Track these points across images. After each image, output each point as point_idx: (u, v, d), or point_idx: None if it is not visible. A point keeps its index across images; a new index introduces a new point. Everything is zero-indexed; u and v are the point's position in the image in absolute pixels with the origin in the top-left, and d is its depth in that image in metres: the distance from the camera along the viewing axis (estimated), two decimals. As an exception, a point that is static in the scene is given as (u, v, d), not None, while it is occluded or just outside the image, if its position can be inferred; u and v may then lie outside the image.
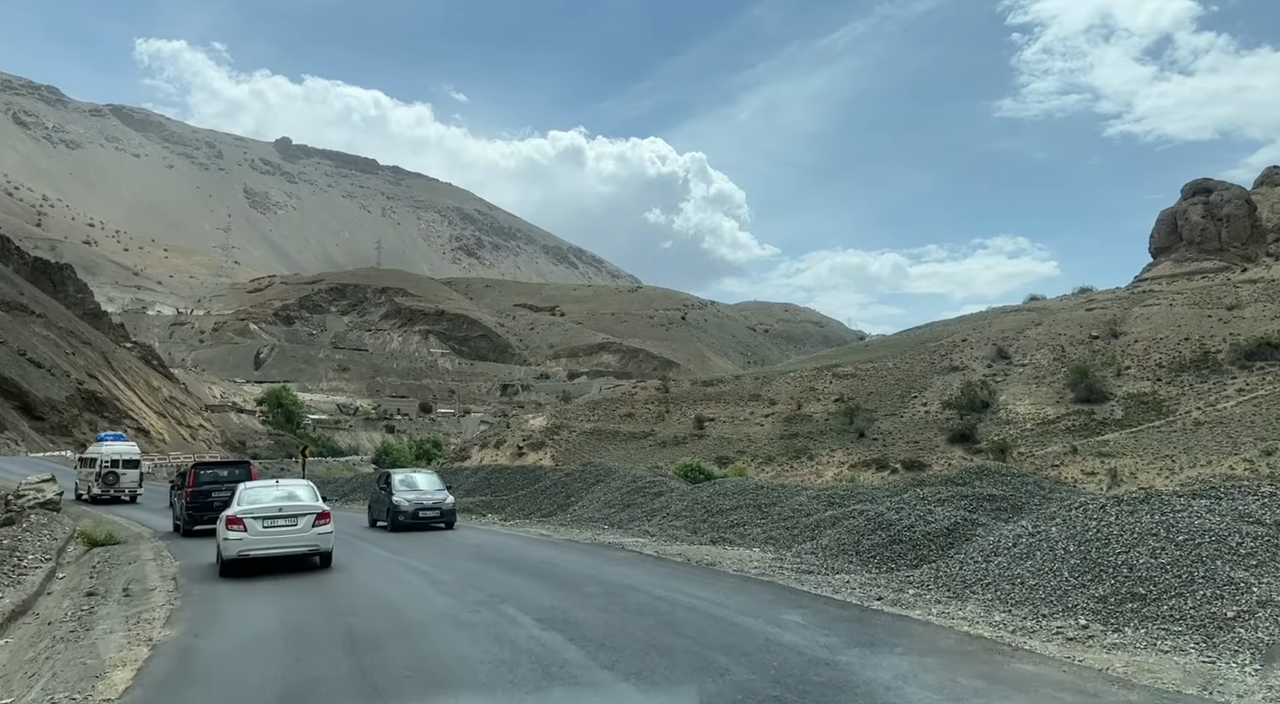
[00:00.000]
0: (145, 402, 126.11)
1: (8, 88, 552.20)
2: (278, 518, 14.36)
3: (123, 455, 35.95)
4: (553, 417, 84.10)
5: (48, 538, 14.84)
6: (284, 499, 14.94)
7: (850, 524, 13.41)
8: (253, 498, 14.86)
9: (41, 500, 21.05)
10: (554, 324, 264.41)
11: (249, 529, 13.98)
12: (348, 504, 32.39)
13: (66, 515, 21.66)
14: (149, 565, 12.88)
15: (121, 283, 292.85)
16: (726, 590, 11.13)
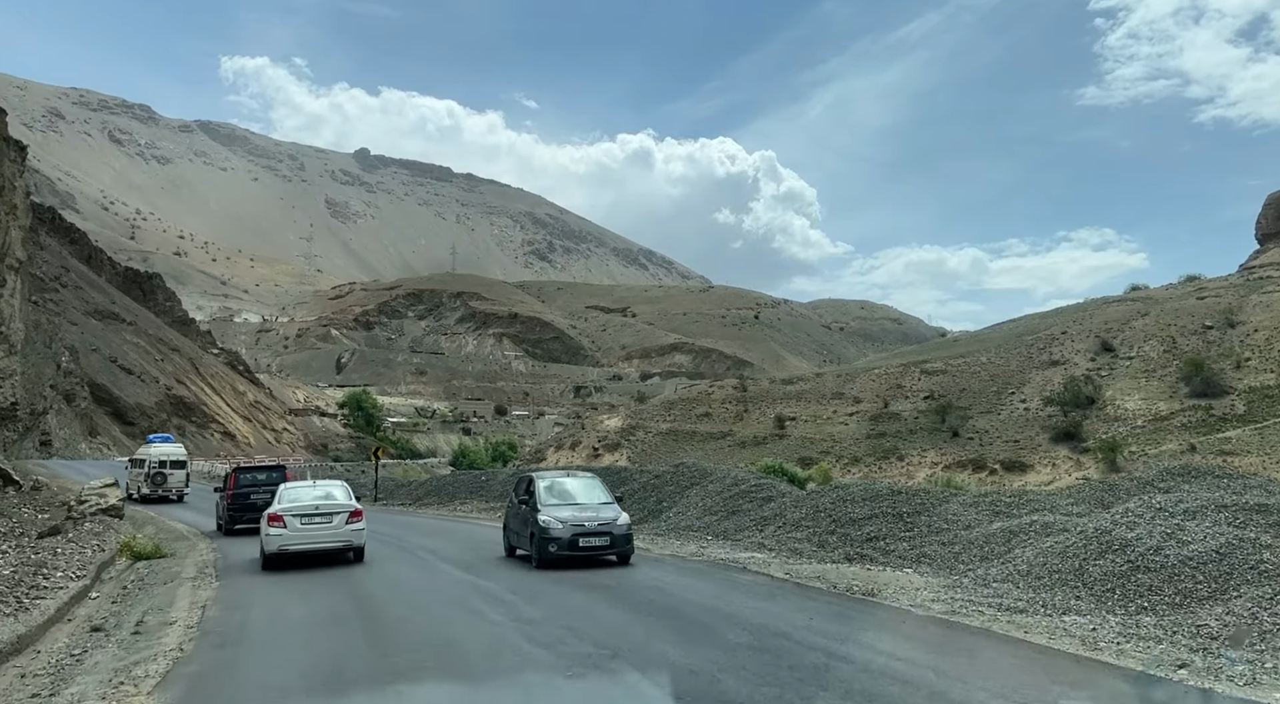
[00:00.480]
0: (231, 406, 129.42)
1: (104, 107, 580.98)
2: (314, 515, 15.40)
3: (170, 457, 37.02)
4: (628, 417, 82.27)
5: (93, 550, 13.56)
6: (321, 498, 15.98)
7: (1053, 544, 10.28)
8: (292, 497, 15.90)
9: (104, 506, 20.10)
10: (626, 325, 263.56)
11: (288, 526, 14.98)
12: (420, 508, 31.25)
13: (128, 521, 20.70)
14: (182, 589, 11.35)
15: (210, 292, 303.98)
16: (932, 646, 8.13)
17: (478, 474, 33.75)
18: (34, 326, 75.83)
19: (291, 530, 14.98)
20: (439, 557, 16.68)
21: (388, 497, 35.74)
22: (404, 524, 23.76)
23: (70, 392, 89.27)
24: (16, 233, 67.57)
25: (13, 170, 67.25)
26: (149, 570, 12.98)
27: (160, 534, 19.96)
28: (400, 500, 33.06)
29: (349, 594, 12.11)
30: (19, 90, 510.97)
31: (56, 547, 12.90)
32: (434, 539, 20.20)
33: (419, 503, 31.82)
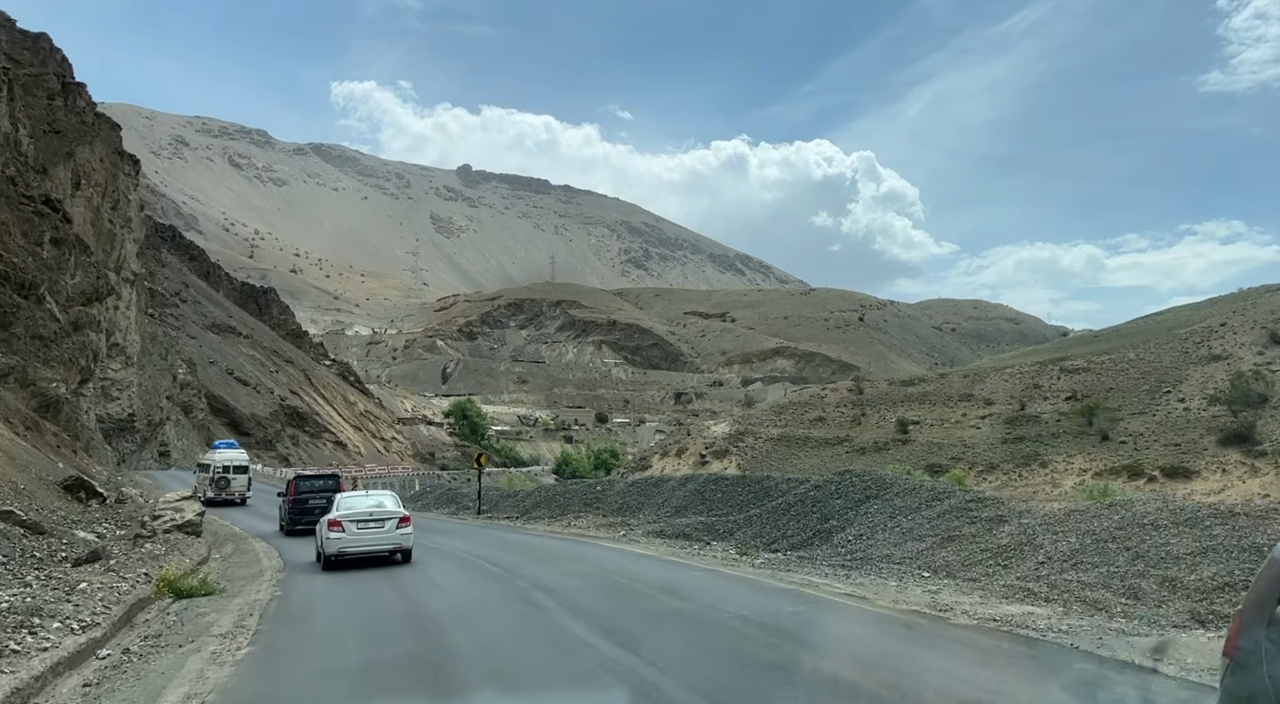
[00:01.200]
0: (342, 416, 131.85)
1: (224, 133, 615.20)
2: (369, 521, 16.99)
3: (233, 462, 38.72)
4: (736, 422, 78.30)
5: (133, 582, 10.99)
6: (374, 506, 17.56)
7: None
8: (349, 505, 17.47)
9: (179, 522, 17.89)
10: (725, 330, 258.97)
11: (346, 530, 16.59)
12: (529, 522, 27.59)
13: (208, 538, 18.51)
14: (201, 653, 8.15)
15: (323, 306, 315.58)
16: None
17: (590, 484, 29.91)
18: (150, 339, 77.73)
19: (349, 535, 16.64)
20: (568, 607, 11.45)
21: (492, 509, 32.95)
22: (514, 546, 20.53)
23: (188, 403, 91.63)
24: (131, 246, 69.32)
25: (127, 184, 69.07)
26: (180, 617, 10.07)
27: (234, 557, 17.54)
28: (506, 513, 30.32)
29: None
30: (147, 120, 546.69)
31: (84, 579, 10.36)
32: (553, 571, 15.33)
33: (527, 516, 28.56)
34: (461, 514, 33.08)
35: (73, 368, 33.79)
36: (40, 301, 33.14)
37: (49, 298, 34.19)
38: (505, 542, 21.34)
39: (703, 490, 22.07)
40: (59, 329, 33.92)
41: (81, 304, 42.56)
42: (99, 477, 28.38)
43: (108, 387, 63.40)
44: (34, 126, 54.47)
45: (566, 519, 25.51)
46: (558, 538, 22.23)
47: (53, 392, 30.67)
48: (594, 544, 20.16)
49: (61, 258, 40.55)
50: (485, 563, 16.84)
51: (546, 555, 18.03)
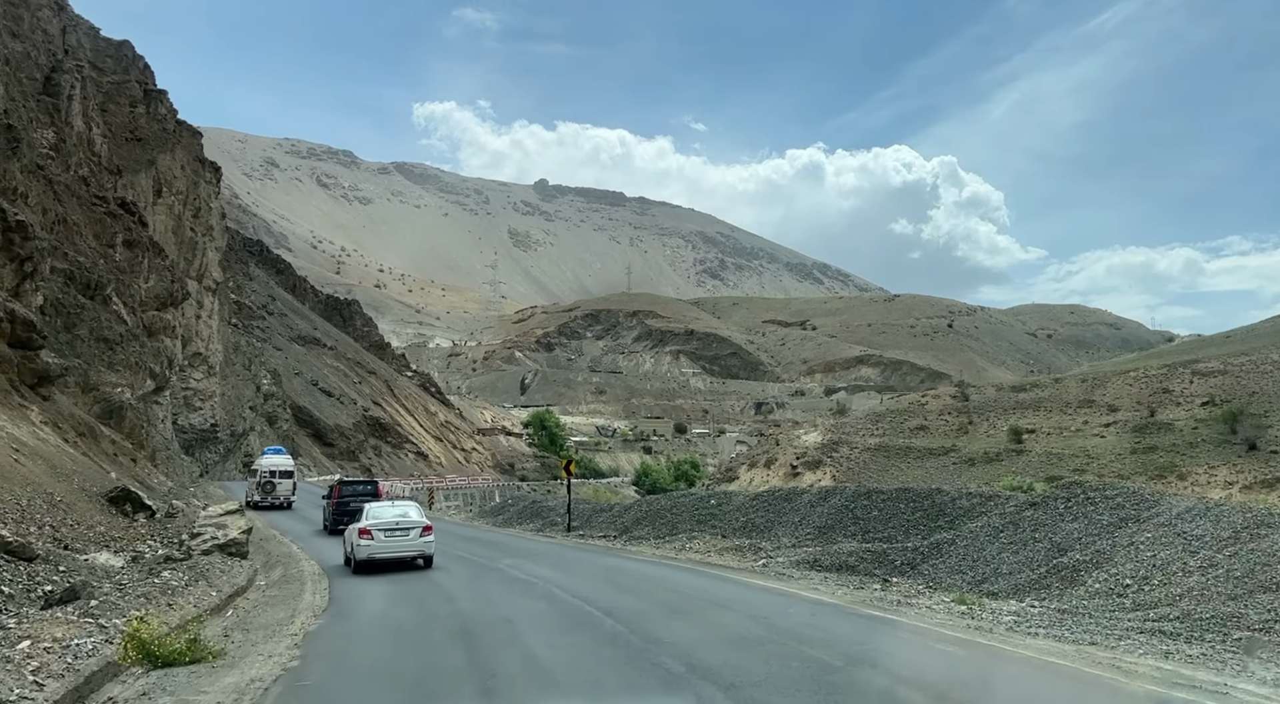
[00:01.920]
0: (424, 427, 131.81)
1: (312, 155, 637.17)
2: (395, 530, 18.47)
3: (278, 467, 39.71)
4: (828, 431, 73.76)
5: (109, 634, 8.05)
6: (399, 516, 19.02)
7: None
8: (377, 515, 19.01)
9: (222, 541, 15.27)
10: (806, 339, 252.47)
11: (375, 538, 18.14)
12: (632, 543, 22.56)
13: (255, 560, 15.91)
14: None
15: (405, 319, 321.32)
16: None
17: (700, 497, 23.75)
18: (234, 349, 77.79)
19: (378, 542, 18.12)
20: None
21: (584, 525, 28.07)
22: (625, 580, 15.97)
23: (272, 414, 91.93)
24: (213, 254, 69.38)
25: (209, 191, 69.19)
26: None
27: (277, 587, 14.68)
28: (602, 531, 25.51)
29: None
30: (240, 143, 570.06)
31: (36, 632, 7.51)
32: (700, 630, 10.78)
33: (627, 535, 23.68)
34: (549, 531, 29.06)
35: (140, 372, 32.18)
36: (106, 303, 31.66)
37: (116, 299, 32.73)
38: (611, 572, 17.12)
39: (851, 507, 17.95)
40: (126, 332, 32.38)
41: (155, 309, 41.45)
42: (159, 488, 26.36)
43: (189, 396, 63.04)
44: (115, 134, 54.28)
45: (678, 540, 21.12)
46: (676, 567, 17.87)
47: (116, 397, 28.94)
48: (732, 579, 15.63)
49: (134, 260, 39.44)
50: (594, 611, 12.38)
51: (676, 597, 13.69)
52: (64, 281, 29.36)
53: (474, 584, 15.84)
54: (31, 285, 26.21)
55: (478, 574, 17.58)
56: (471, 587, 15.43)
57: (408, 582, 16.52)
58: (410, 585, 15.87)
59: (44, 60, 37.02)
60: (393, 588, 15.21)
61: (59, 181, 34.64)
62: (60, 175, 35.05)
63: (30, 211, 31.05)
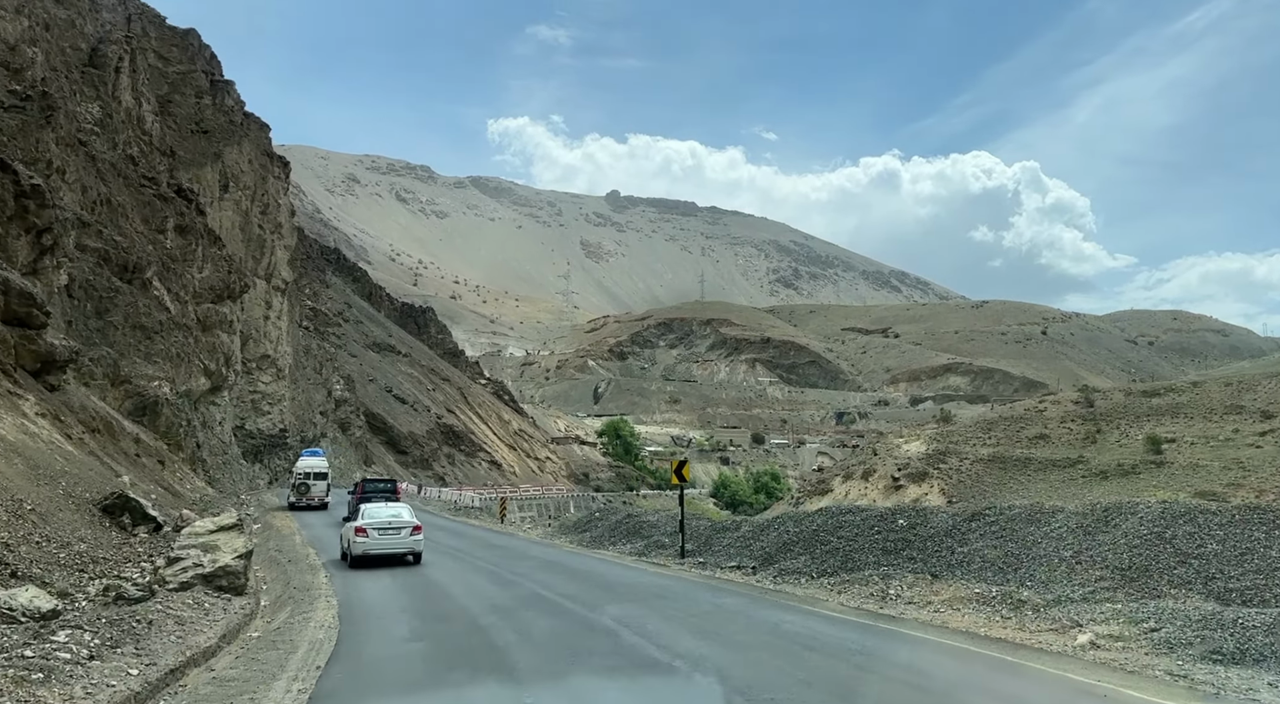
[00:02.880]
0: (497, 435, 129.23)
1: (391, 170, 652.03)
2: (388, 529, 20.39)
3: (314, 469, 39.49)
4: (933, 440, 67.31)
5: None
6: (392, 516, 20.93)
7: None
8: (373, 514, 20.99)
9: (207, 570, 10.96)
10: (888, 346, 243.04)
11: (369, 536, 20.06)
12: (793, 581, 15.79)
13: (244, 599, 11.51)
14: None
15: (480, 329, 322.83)
16: None
17: (875, 515, 18.20)
18: (304, 352, 75.73)
19: (372, 539, 19.99)
20: None
21: (703, 548, 20.72)
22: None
23: (345, 420, 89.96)
24: (282, 253, 67.26)
25: (277, 187, 67.14)
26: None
27: (281, 633, 10.45)
28: (731, 558, 18.40)
29: None
30: (323, 160, 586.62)
31: None
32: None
33: (774, 567, 16.58)
34: (655, 555, 21.37)
35: (184, 366, 28.83)
36: (146, 287, 28.44)
37: (159, 285, 29.51)
38: (811, 653, 10.16)
39: (1169, 536, 11.74)
40: (168, 321, 29.08)
41: (211, 301, 38.50)
42: (188, 495, 22.64)
43: (257, 400, 60.67)
44: (180, 126, 52.07)
45: (868, 581, 14.30)
46: (919, 638, 11.03)
47: (151, 391, 25.51)
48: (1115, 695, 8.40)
49: (187, 248, 36.50)
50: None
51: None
52: (96, 262, 26.18)
53: (569, 665, 9.51)
54: (52, 261, 22.83)
55: (570, 639, 10.98)
56: (561, 679, 8.93)
57: (457, 647, 10.68)
58: (465, 658, 9.93)
59: (90, 30, 34.60)
60: (434, 649, 10.27)
61: (103, 159, 31.74)
62: (105, 153, 32.20)
63: (69, 189, 28.06)
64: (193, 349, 35.66)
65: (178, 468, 24.67)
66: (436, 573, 18.65)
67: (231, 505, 25.22)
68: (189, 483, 24.06)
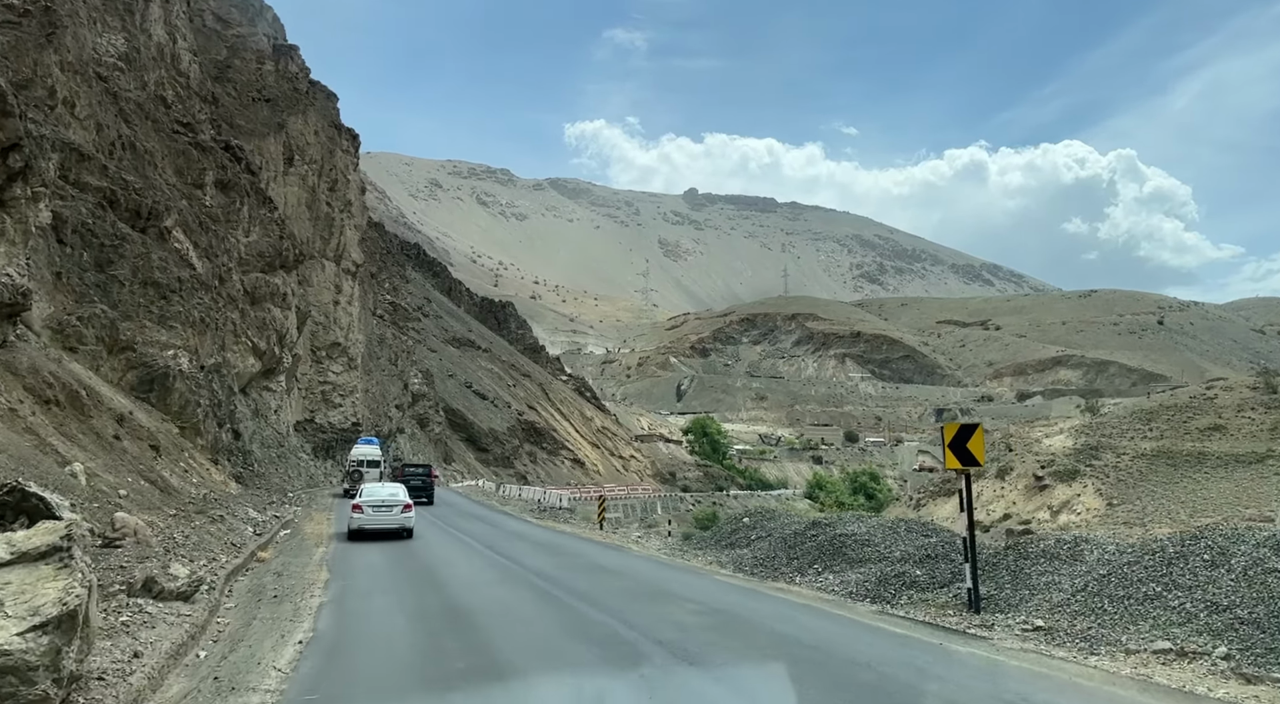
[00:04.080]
0: (580, 432, 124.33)
1: (473, 174, 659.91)
2: (381, 506, 21.89)
3: (366, 457, 39.65)
4: (1080, 434, 58.54)
5: None
6: (388, 496, 22.54)
7: None
8: (370, 493, 22.72)
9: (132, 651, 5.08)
10: (989, 339, 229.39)
11: (364, 513, 21.53)
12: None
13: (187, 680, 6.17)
14: None
15: (560, 328, 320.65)
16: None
17: (1198, 543, 10.55)
18: (379, 342, 71.61)
19: (367, 516, 21.46)
20: None
21: (1010, 592, 11.15)
22: None
23: (424, 416, 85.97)
24: (352, 233, 63.05)
25: (346, 161, 62.95)
26: None
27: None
28: (1084, 616, 9.61)
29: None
30: (406, 166, 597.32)
31: None
32: None
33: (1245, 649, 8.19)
34: (911, 603, 11.58)
35: (208, 334, 23.62)
36: (163, 238, 23.36)
37: (181, 238, 24.42)
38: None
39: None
40: (191, 279, 23.95)
41: (260, 270, 33.64)
42: (184, 492, 17.12)
43: (328, 391, 56.35)
44: (240, 93, 47.89)
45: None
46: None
47: (161, 362, 20.27)
48: None
49: (231, 207, 31.64)
50: None
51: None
52: (98, 203, 21.17)
53: None
54: (25, 190, 17.65)
55: None
56: None
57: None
58: None
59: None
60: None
61: (127, 98, 26.93)
62: (130, 91, 27.45)
63: (80, 124, 23.20)
64: (238, 324, 30.76)
65: (189, 457, 19.41)
66: (521, 635, 9.76)
67: (255, 507, 19.82)
68: (197, 476, 18.73)
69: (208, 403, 22.17)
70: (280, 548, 16.19)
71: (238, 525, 15.53)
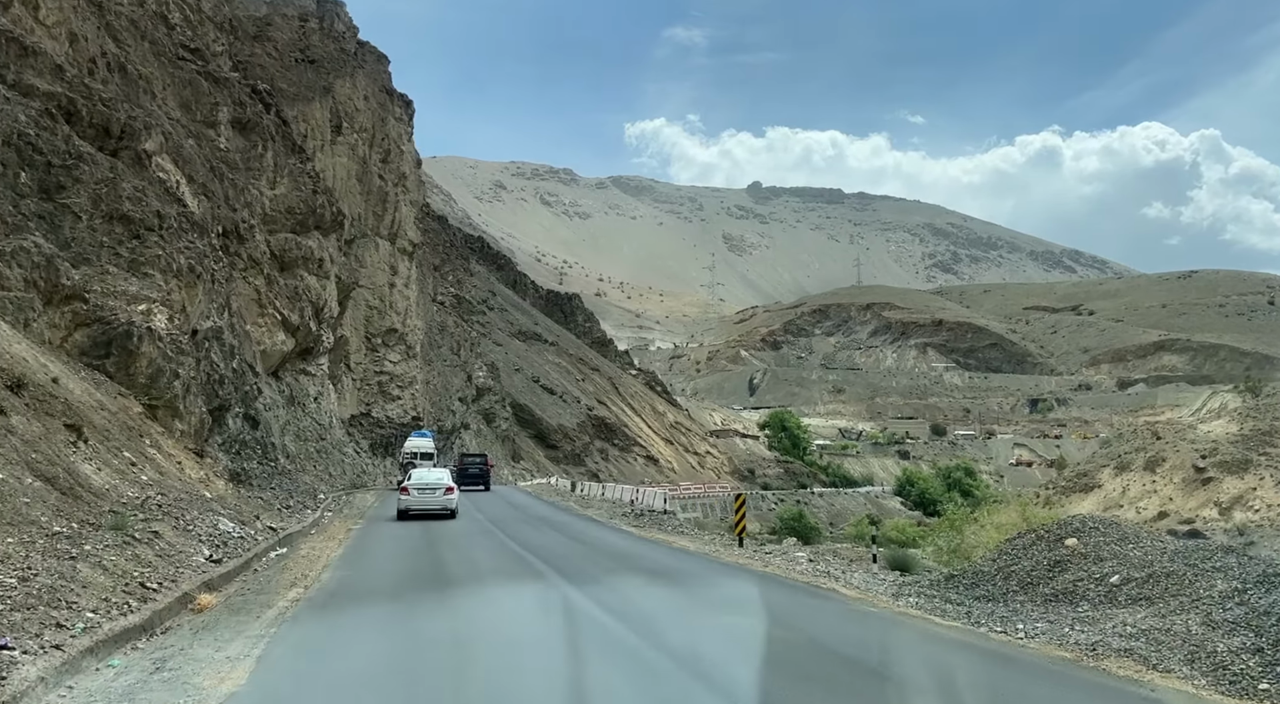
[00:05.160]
0: (652, 428, 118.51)
1: (535, 175, 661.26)
2: (427, 489, 24.18)
3: (420, 449, 38.66)
4: (1247, 417, 50.30)
5: None
6: (434, 480, 24.83)
7: None
8: (418, 478, 24.99)
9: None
10: (1083, 324, 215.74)
11: (411, 494, 23.98)
12: None
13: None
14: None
15: (626, 324, 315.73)
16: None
17: None
18: (439, 330, 66.83)
19: (414, 497, 23.87)
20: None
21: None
22: None
23: (490, 411, 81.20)
24: (407, 209, 58.16)
25: (399, 131, 58.05)
26: None
27: None
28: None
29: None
30: (471, 169, 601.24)
31: None
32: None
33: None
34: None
35: (198, 288, 18.17)
36: (140, 164, 18.04)
37: (166, 164, 19.08)
38: None
39: None
40: (177, 218, 18.56)
41: (291, 229, 28.48)
42: (106, 497, 11.41)
43: (385, 382, 51.51)
44: (282, 54, 43.13)
45: None
46: None
47: (122, 318, 14.84)
48: None
49: (251, 152, 26.47)
50: None
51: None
52: (45, 111, 15.91)
53: None
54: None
55: None
56: None
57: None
58: None
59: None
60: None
61: (118, 11, 21.77)
62: (122, 5, 22.31)
63: (47, 33, 18.08)
64: (264, 293, 25.59)
65: (150, 445, 13.97)
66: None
67: (241, 515, 14.25)
68: (154, 470, 13.21)
69: (194, 375, 16.86)
70: (246, 584, 10.39)
71: (184, 547, 9.93)
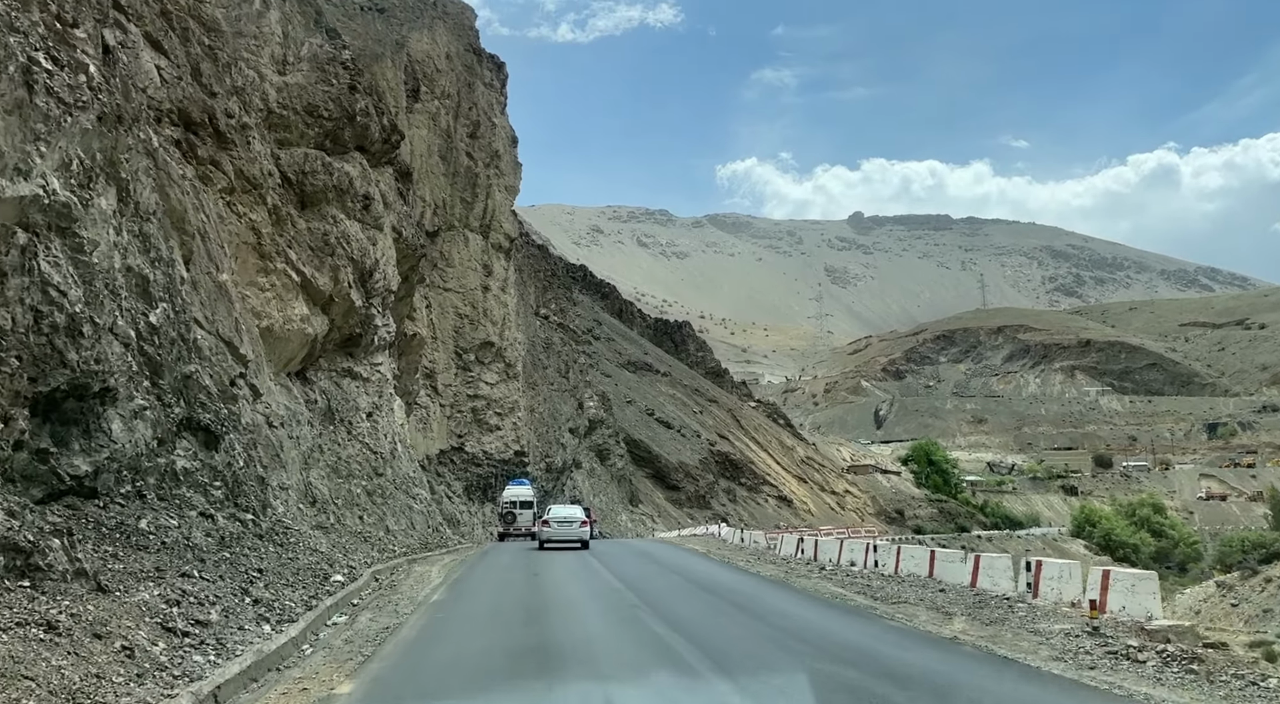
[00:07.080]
0: (781, 464, 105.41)
1: (631, 218, 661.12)
2: (562, 522, 27.38)
3: (519, 498, 37.92)
4: None
5: None
6: (568, 515, 28.14)
7: None
8: (555, 513, 28.28)
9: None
10: (1256, 340, 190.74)
11: (550, 526, 27.22)
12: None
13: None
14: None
15: (732, 359, 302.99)
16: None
17: None
18: (544, 347, 56.36)
19: (552, 529, 27.04)
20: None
21: None
22: None
23: (603, 447, 70.37)
24: (502, 196, 47.95)
25: (489, 99, 48.06)
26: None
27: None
28: None
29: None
30: (568, 215, 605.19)
31: None
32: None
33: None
34: None
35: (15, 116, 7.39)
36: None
37: None
38: None
39: None
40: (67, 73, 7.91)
41: (314, 145, 18.17)
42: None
43: (480, 409, 41.16)
44: (344, 1, 33.82)
45: None
46: None
47: None
48: None
49: (243, 7, 16.27)
50: None
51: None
52: None
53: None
54: None
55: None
56: None
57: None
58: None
59: None
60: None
61: None
62: None
63: None
64: (269, 236, 15.14)
65: None
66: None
67: None
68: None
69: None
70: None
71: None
